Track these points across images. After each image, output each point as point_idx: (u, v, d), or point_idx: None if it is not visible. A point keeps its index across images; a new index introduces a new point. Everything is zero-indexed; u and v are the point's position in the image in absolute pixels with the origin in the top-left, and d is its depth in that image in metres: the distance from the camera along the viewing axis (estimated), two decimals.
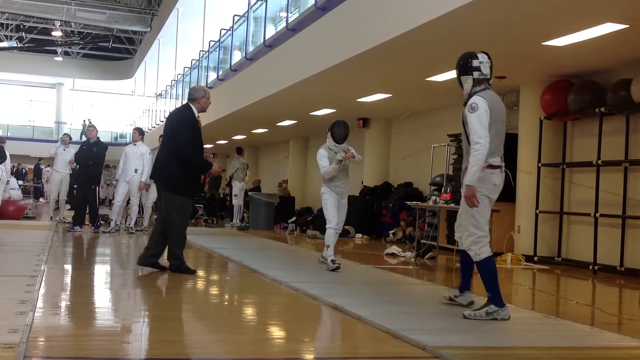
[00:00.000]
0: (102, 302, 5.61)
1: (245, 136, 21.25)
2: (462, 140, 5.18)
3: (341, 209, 7.75)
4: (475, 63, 5.02)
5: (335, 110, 14.10)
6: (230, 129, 19.85)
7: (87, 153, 12.05)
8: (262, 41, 14.09)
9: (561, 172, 9.94)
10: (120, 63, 38.41)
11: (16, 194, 16.22)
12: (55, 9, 26.71)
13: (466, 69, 5.06)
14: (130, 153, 11.86)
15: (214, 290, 6.73)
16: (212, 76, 18.79)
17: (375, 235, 14.00)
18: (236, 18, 16.72)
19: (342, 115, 12.66)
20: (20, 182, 25.45)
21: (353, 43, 9.23)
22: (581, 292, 7.83)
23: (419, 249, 9.72)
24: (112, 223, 12.19)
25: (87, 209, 12.20)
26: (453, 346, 3.94)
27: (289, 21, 12.57)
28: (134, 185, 11.80)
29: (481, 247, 4.91)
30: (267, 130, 19.13)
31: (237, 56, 16.91)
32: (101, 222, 12.50)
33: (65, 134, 14.95)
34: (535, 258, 9.83)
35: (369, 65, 9.74)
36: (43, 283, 5.76)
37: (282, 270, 7.41)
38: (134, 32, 31.88)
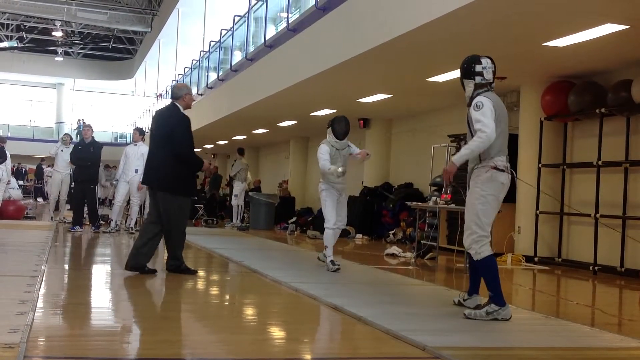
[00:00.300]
0: (102, 302, 5.62)
1: (245, 136, 21.24)
2: (467, 139, 5.19)
3: (341, 207, 7.68)
4: (478, 68, 5.07)
5: (335, 110, 14.09)
6: (230, 129, 19.85)
7: (85, 153, 12.02)
8: (263, 41, 14.10)
9: (561, 173, 9.95)
10: (120, 63, 38.43)
11: (16, 194, 16.22)
12: (55, 9, 26.73)
13: (469, 73, 5.10)
14: (130, 153, 11.86)
15: (214, 290, 6.73)
16: (213, 76, 18.81)
17: (375, 235, 14.00)
18: (237, 18, 16.74)
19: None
20: (20, 182, 25.46)
21: (353, 43, 9.23)
22: (581, 293, 7.83)
23: (419, 250, 9.71)
24: (112, 223, 12.20)
25: (86, 209, 12.21)
26: (453, 347, 3.94)
27: (290, 21, 12.58)
28: (134, 185, 11.79)
29: (482, 246, 4.92)
30: (268, 130, 19.12)
31: (238, 56, 16.93)
32: (101, 222, 12.52)
33: (65, 134, 14.96)
34: (535, 259, 9.83)
35: (369, 65, 9.74)
36: (43, 283, 5.76)
37: (282, 270, 7.41)
38: (135, 33, 31.92)
